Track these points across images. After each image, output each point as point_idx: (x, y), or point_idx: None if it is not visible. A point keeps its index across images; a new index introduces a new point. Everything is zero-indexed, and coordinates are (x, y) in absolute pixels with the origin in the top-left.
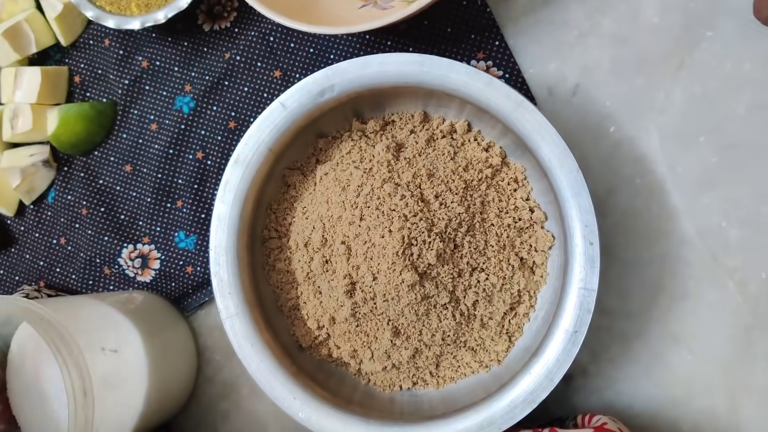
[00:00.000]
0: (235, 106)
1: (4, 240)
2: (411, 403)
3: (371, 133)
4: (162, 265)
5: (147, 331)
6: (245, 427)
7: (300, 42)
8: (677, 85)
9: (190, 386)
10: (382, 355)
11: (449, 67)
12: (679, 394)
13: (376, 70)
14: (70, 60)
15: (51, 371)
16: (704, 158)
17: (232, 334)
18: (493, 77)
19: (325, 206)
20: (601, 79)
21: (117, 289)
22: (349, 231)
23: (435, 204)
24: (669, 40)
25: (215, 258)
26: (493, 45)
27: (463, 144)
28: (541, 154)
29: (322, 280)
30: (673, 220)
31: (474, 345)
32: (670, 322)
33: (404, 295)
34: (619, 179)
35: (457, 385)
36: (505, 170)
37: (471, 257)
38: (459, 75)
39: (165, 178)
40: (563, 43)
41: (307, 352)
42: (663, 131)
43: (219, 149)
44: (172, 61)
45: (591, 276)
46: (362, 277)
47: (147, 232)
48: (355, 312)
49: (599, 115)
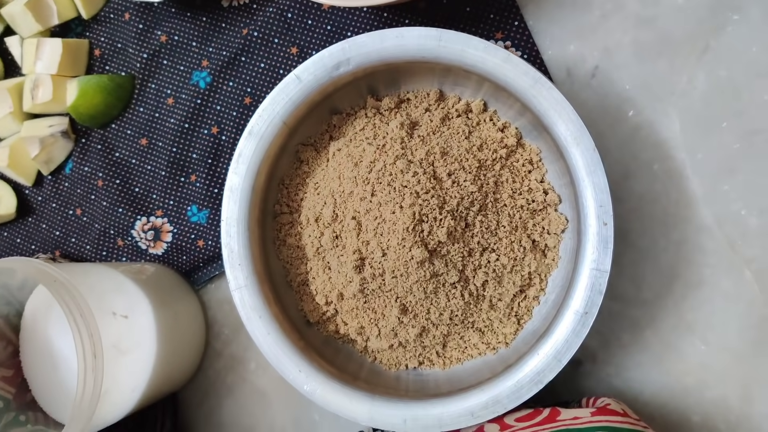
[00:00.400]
0: (251, 82)
1: (21, 209)
2: (416, 382)
3: (386, 110)
4: (174, 238)
5: (157, 301)
6: (250, 401)
7: (317, 19)
8: (701, 68)
9: (198, 358)
10: (389, 333)
11: (466, 42)
12: (691, 384)
13: (393, 43)
14: (91, 33)
15: (63, 337)
16: (726, 144)
17: (241, 305)
18: (511, 53)
19: (336, 182)
20: (622, 61)
21: (129, 260)
22: (360, 206)
23: (447, 182)
24: (694, 23)
25: (226, 229)
26: (512, 25)
27: (479, 124)
28: (557, 132)
29: (332, 256)
30: (691, 206)
31: (482, 326)
32: (684, 310)
33: (413, 272)
34: (637, 164)
35: (463, 366)
36: (520, 151)
37: (482, 237)
38: (476, 50)
39: (179, 152)
40: (584, 24)
41: (314, 327)
42: (684, 116)
43: (234, 125)
44: (191, 36)
45: (604, 257)
46: (372, 253)
47: (160, 205)
48: (363, 288)
49: (618, 98)
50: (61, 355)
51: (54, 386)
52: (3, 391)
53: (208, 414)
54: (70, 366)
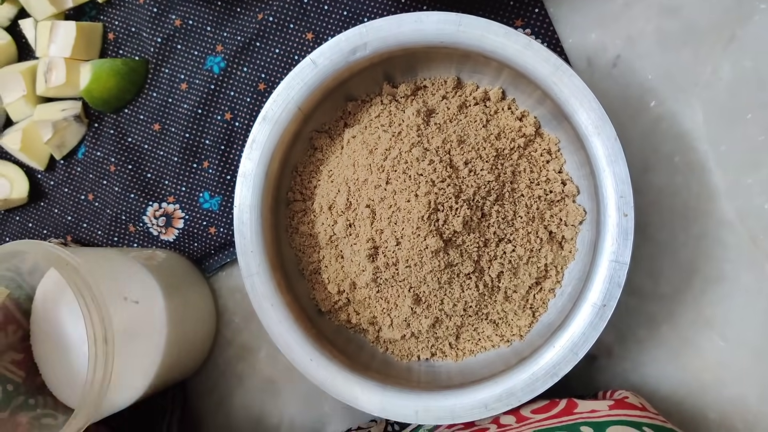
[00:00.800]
0: (265, 68)
1: (34, 194)
2: (428, 373)
3: (402, 97)
4: (186, 225)
5: (168, 288)
6: (260, 391)
7: (334, 4)
8: (726, 58)
9: (208, 346)
10: (402, 323)
11: (486, 27)
12: (709, 381)
13: (411, 28)
14: (105, 17)
15: (74, 321)
16: (750, 137)
17: (253, 293)
18: (532, 39)
19: (351, 169)
20: (645, 50)
21: (140, 246)
22: (374, 194)
23: (464, 171)
24: (720, 12)
25: (239, 216)
26: (532, 12)
27: (497, 112)
28: (577, 121)
29: (345, 244)
30: (712, 200)
31: (496, 318)
32: (702, 305)
33: (427, 262)
34: (658, 156)
35: (476, 357)
36: (538, 141)
37: (498, 227)
38: (497, 36)
39: (192, 138)
40: (607, 12)
41: (326, 316)
42: (708, 107)
43: (247, 111)
44: (205, 20)
45: (623, 249)
46: (385, 242)
47: (172, 191)
48: (376, 277)
49: (640, 88)
50: (72, 340)
51: (64, 371)
52: (13, 374)
53: (218, 403)
54: (81, 351)
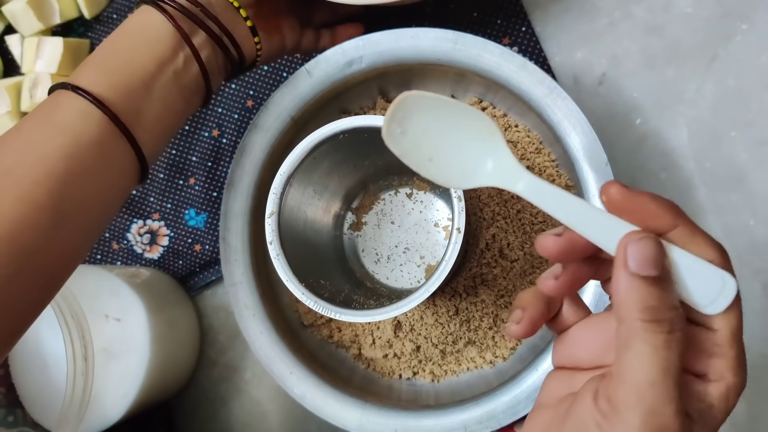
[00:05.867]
0: (253, 85)
1: None
2: (409, 392)
3: None
4: (170, 242)
5: (152, 306)
6: (245, 412)
7: None
8: (710, 77)
9: (192, 365)
10: (384, 344)
11: (483, 47)
12: None
13: (408, 43)
14: (93, 34)
15: (53, 338)
16: (734, 154)
17: (235, 302)
18: (527, 60)
19: None
20: (630, 69)
21: (124, 264)
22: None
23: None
24: (703, 32)
25: (224, 223)
26: (519, 30)
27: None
28: (569, 143)
29: None
30: (698, 217)
31: (480, 342)
32: None
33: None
34: (644, 173)
35: (458, 378)
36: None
37: (481, 269)
38: (492, 56)
39: (179, 155)
40: (592, 31)
41: (308, 330)
42: (692, 125)
43: (235, 127)
44: None
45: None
46: None
47: (157, 208)
48: None
49: (626, 106)
50: (51, 357)
51: (42, 389)
52: None
53: (202, 424)
54: (60, 368)
